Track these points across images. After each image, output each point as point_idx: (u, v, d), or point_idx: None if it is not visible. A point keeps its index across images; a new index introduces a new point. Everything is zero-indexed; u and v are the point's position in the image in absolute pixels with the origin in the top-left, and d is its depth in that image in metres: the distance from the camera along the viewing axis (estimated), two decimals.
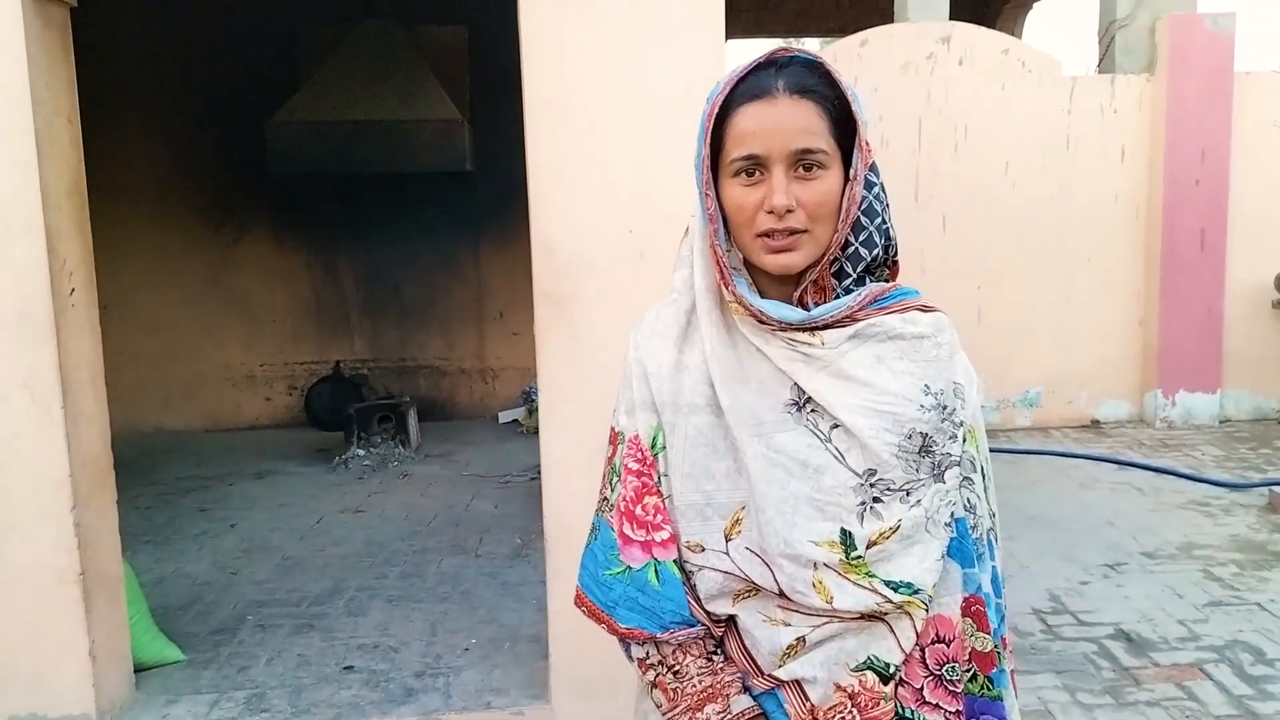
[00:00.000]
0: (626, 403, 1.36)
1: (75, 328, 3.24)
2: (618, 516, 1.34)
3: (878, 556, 1.21)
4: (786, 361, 1.24)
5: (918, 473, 1.21)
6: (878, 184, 1.25)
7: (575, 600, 1.39)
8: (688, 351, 1.31)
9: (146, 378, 7.98)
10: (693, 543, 1.30)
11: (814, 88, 1.21)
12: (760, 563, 1.26)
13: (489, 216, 8.25)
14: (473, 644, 3.90)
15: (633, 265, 3.06)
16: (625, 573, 1.32)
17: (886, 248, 1.28)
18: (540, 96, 3.01)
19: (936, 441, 1.22)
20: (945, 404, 1.23)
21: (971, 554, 1.27)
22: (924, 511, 1.21)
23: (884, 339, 1.23)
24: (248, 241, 8.22)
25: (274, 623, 4.16)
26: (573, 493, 3.14)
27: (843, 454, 1.22)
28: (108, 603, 3.37)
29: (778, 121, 1.19)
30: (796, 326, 1.23)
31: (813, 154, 1.19)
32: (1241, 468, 6.34)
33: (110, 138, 7.66)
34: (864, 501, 1.21)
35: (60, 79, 3.22)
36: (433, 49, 7.91)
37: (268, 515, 5.78)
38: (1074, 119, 7.30)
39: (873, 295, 1.25)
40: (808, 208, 1.20)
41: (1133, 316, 7.57)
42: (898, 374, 1.22)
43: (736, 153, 1.21)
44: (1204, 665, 3.66)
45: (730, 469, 1.28)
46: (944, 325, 1.27)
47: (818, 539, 1.21)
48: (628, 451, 1.35)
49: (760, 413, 1.25)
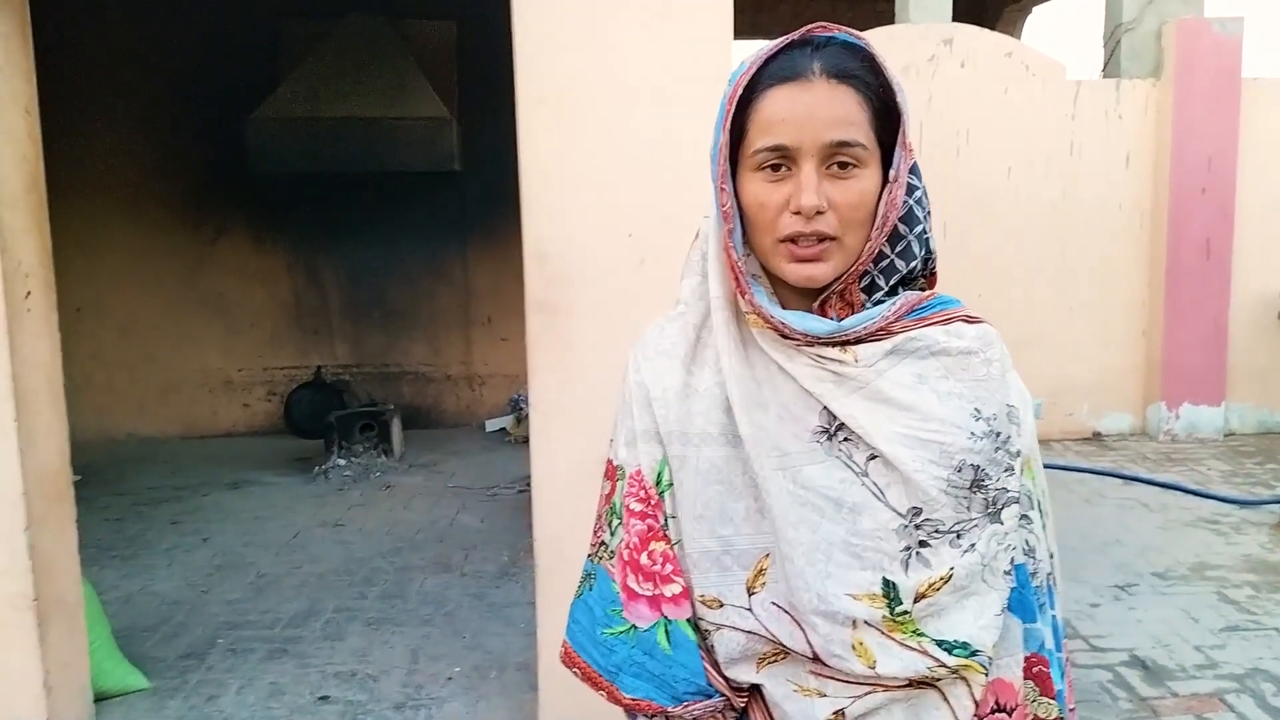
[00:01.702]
0: (626, 432, 1.19)
1: (31, 334, 3.04)
2: (620, 566, 1.17)
3: (927, 611, 1.05)
4: (814, 381, 1.08)
5: (969, 511, 1.05)
6: (920, 188, 1.10)
7: (563, 658, 1.21)
8: (697, 372, 1.15)
9: (119, 382, 7.81)
10: (708, 597, 1.13)
11: (855, 72, 1.05)
12: (790, 620, 1.09)
13: (477, 218, 8.10)
14: (456, 672, 3.72)
15: (632, 273, 2.89)
16: (630, 633, 1.15)
17: (926, 260, 1.13)
18: (533, 92, 2.84)
19: (990, 475, 1.06)
20: (999, 430, 1.07)
21: (1033, 606, 1.11)
22: (979, 557, 1.05)
23: (926, 355, 1.08)
24: (226, 242, 8.03)
25: (246, 647, 3.96)
26: (566, 515, 2.97)
27: (882, 490, 1.06)
28: (65, 630, 3.18)
29: (811, 108, 1.03)
30: (824, 340, 1.07)
31: (850, 148, 1.04)
32: (1249, 483, 6.21)
33: (84, 133, 7.50)
34: (909, 546, 1.05)
35: (16, 66, 3.00)
36: (419, 44, 7.76)
37: (242, 528, 5.59)
38: (1078, 124, 7.17)
39: (909, 305, 1.10)
40: (840, 210, 1.04)
41: (1136, 327, 7.45)
42: (943, 396, 1.06)
43: (761, 142, 1.05)
44: (1224, 695, 3.53)
45: (751, 509, 1.11)
46: (993, 339, 1.11)
47: (856, 592, 1.05)
48: (629, 489, 1.17)
49: (784, 442, 1.09)
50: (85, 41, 7.51)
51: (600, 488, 1.23)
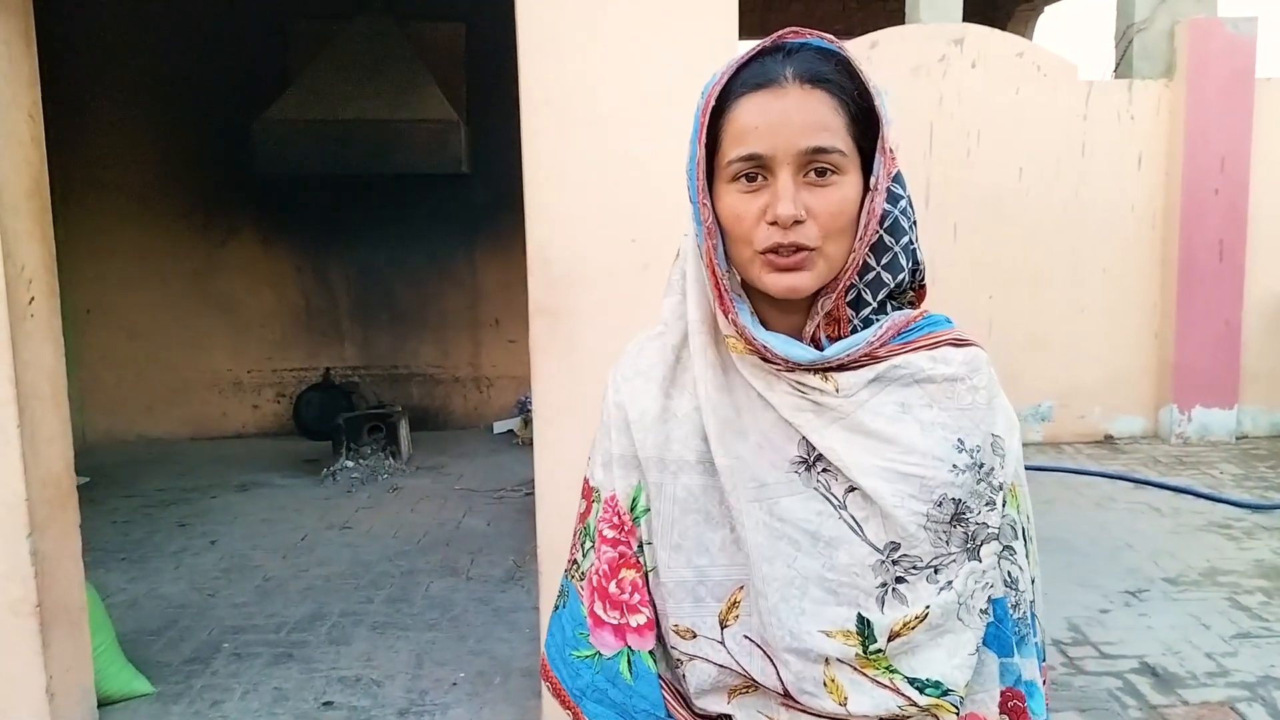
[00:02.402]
0: (604, 454, 1.17)
1: (35, 339, 3.02)
2: (589, 591, 1.15)
3: (901, 649, 1.02)
4: (793, 411, 1.04)
5: (948, 545, 1.02)
6: (904, 197, 1.05)
7: (541, 671, 1.22)
8: (676, 396, 1.12)
9: (129, 384, 7.82)
10: (682, 627, 1.10)
11: (829, 77, 1.01)
12: (762, 655, 1.06)
13: (485, 220, 8.08)
14: (461, 678, 3.69)
15: (635, 277, 2.86)
16: (595, 658, 1.14)
17: (914, 271, 1.08)
18: (538, 94, 2.81)
19: (971, 508, 1.03)
20: (982, 462, 1.04)
21: (1010, 640, 1.08)
22: (956, 596, 1.02)
23: (909, 383, 1.04)
24: (235, 244, 8.02)
25: (251, 651, 3.94)
26: (569, 520, 2.92)
27: (860, 524, 1.03)
28: (68, 635, 3.16)
29: (785, 115, 0.99)
30: (805, 367, 1.03)
31: (827, 154, 0.99)
32: (1262, 487, 6.14)
33: (93, 135, 7.51)
34: (885, 583, 1.02)
35: (20, 70, 2.99)
36: (428, 47, 7.74)
37: (250, 531, 5.57)
38: (1089, 125, 7.11)
39: (896, 327, 1.06)
40: (819, 219, 1.00)
41: (1148, 329, 7.38)
42: (926, 427, 1.03)
43: (735, 152, 1.01)
44: (1236, 704, 3.48)
45: (727, 540, 1.08)
46: (980, 363, 1.07)
47: (830, 629, 1.03)
48: (603, 514, 1.15)
49: (761, 472, 1.05)
50: (93, 44, 7.52)
51: (577, 505, 1.21)
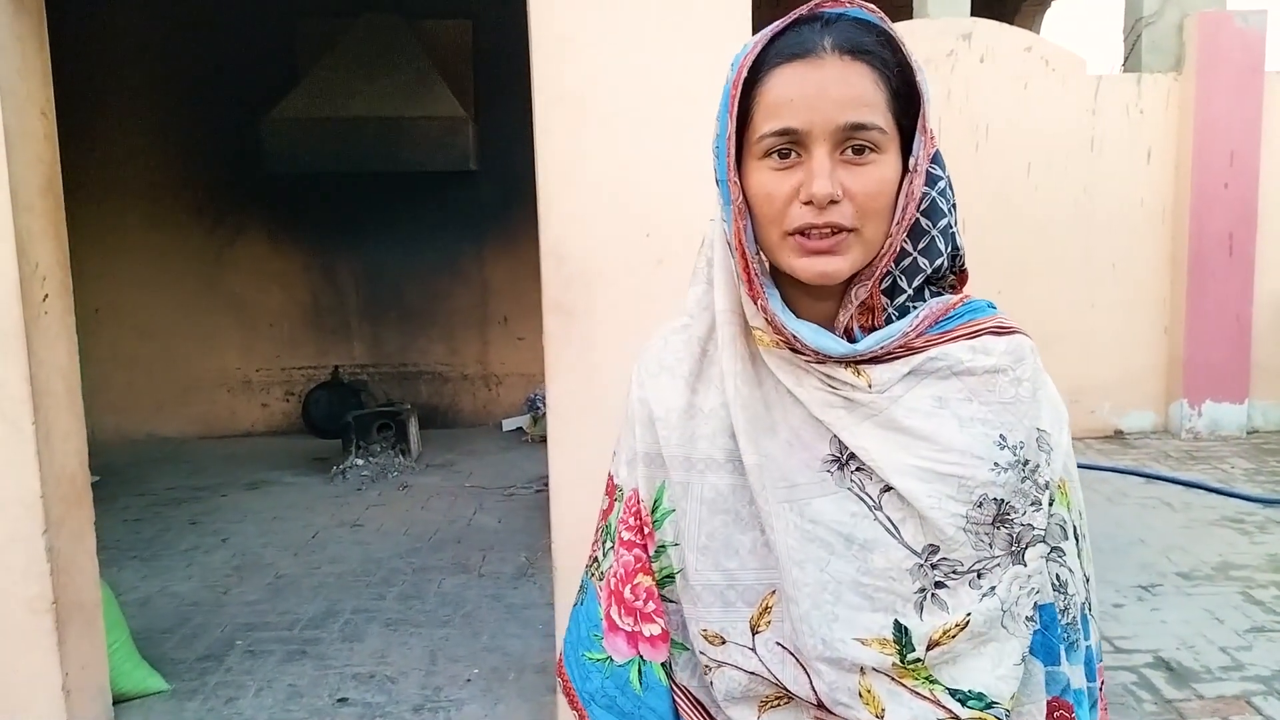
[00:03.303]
0: (628, 450, 1.12)
1: (49, 337, 3.02)
2: (606, 594, 1.12)
3: (941, 658, 0.97)
4: (824, 408, 0.99)
5: (991, 548, 0.96)
6: (944, 178, 0.99)
7: (557, 667, 1.18)
8: (703, 391, 1.07)
9: (139, 383, 7.82)
10: (710, 632, 1.05)
11: (870, 48, 0.94)
12: (794, 663, 1.01)
13: (494, 218, 8.07)
14: (475, 674, 3.68)
15: (650, 273, 2.85)
16: (606, 663, 1.10)
17: (953, 256, 1.02)
18: (551, 90, 2.80)
19: (1015, 508, 0.96)
20: (1027, 459, 0.97)
21: (1058, 647, 1.01)
22: (999, 602, 0.96)
23: (947, 375, 0.97)
24: (244, 242, 8.03)
25: (264, 648, 3.94)
26: (585, 516, 2.92)
27: (896, 526, 0.97)
28: (83, 632, 3.16)
29: (822, 87, 0.92)
30: (836, 360, 0.98)
31: (866, 130, 0.92)
32: (1273, 481, 6.13)
33: (101, 134, 7.52)
34: (923, 588, 0.96)
35: (33, 68, 2.99)
36: (436, 44, 7.74)
37: (261, 529, 5.57)
38: (1098, 119, 7.08)
39: (934, 315, 0.99)
40: (856, 199, 0.93)
41: (1158, 324, 7.36)
42: (965, 422, 0.96)
43: (767, 126, 0.94)
44: (1251, 698, 3.46)
45: (758, 542, 1.03)
46: (1025, 352, 1.00)
47: (865, 636, 0.97)
48: (625, 511, 1.11)
49: (792, 472, 1.00)
50: (102, 43, 7.53)
51: (600, 501, 1.18)
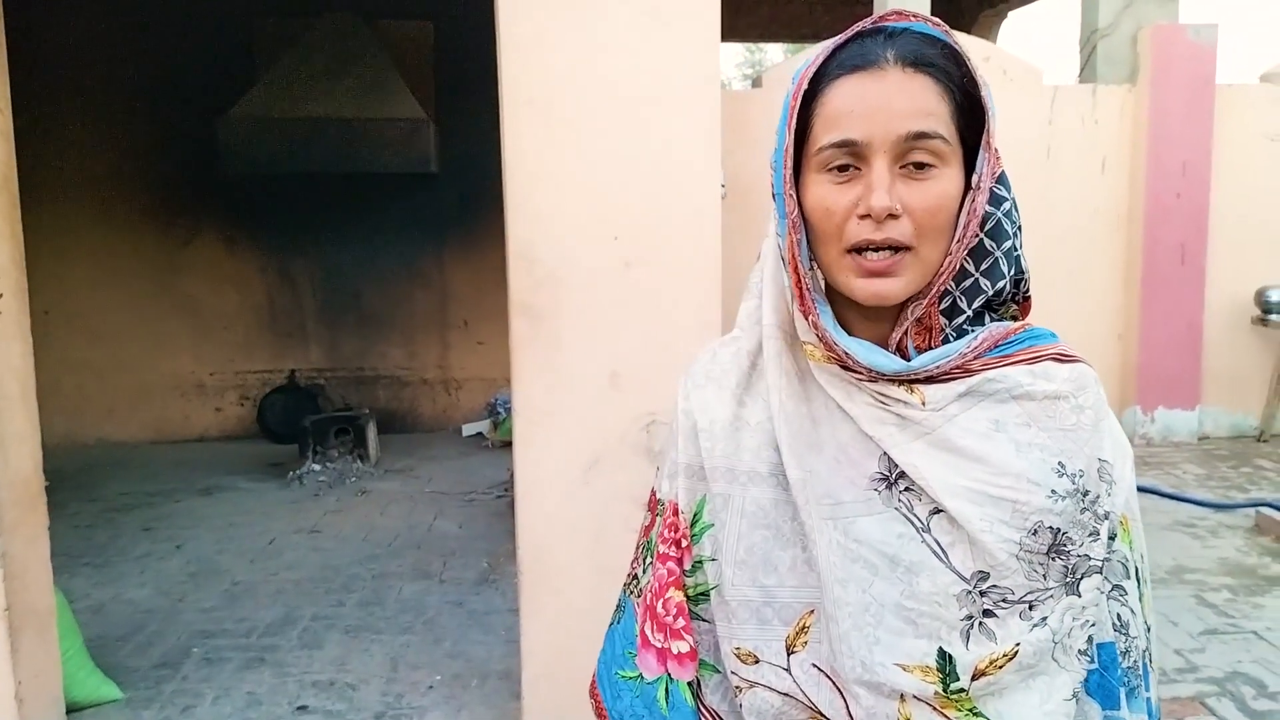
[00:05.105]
0: (670, 464, 1.10)
1: (4, 338, 2.95)
2: (643, 610, 1.10)
3: (986, 690, 0.93)
4: (874, 424, 0.96)
5: (1045, 580, 0.93)
6: (1009, 199, 0.97)
7: (590, 690, 1.14)
8: (749, 404, 1.05)
9: (89, 387, 7.69)
10: (744, 651, 1.03)
11: (934, 61, 0.92)
12: (831, 687, 0.99)
13: (454, 220, 8.03)
14: (437, 680, 3.65)
15: (618, 276, 2.86)
16: (638, 680, 1.08)
17: (1018, 281, 1.00)
18: (518, 92, 2.79)
19: (1072, 539, 0.93)
20: (1087, 489, 0.94)
21: (1117, 690, 0.98)
22: (1051, 634, 0.93)
23: (1005, 398, 0.94)
24: (198, 244, 7.91)
25: (221, 656, 3.88)
26: (551, 521, 2.94)
27: (945, 549, 0.94)
28: (37, 639, 3.09)
29: (885, 98, 0.91)
30: (890, 378, 0.96)
31: (929, 140, 0.91)
32: (1224, 487, 6.23)
33: (53, 133, 7.38)
34: (970, 615, 0.93)
35: None
36: (396, 45, 7.70)
37: (216, 535, 5.49)
38: (1055, 129, 7.18)
39: (993, 339, 0.97)
40: (916, 215, 0.91)
41: (1112, 331, 7.47)
42: (1022, 447, 0.93)
43: (827, 138, 0.92)
44: (1205, 699, 3.52)
45: (798, 559, 1.01)
46: (1089, 381, 0.97)
47: (907, 662, 0.94)
48: (664, 525, 1.09)
49: (838, 489, 0.98)
50: (54, 40, 7.39)
51: (642, 518, 1.16)
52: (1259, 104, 7.30)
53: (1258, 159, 7.30)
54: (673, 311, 2.89)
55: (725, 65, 26.52)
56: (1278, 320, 7.16)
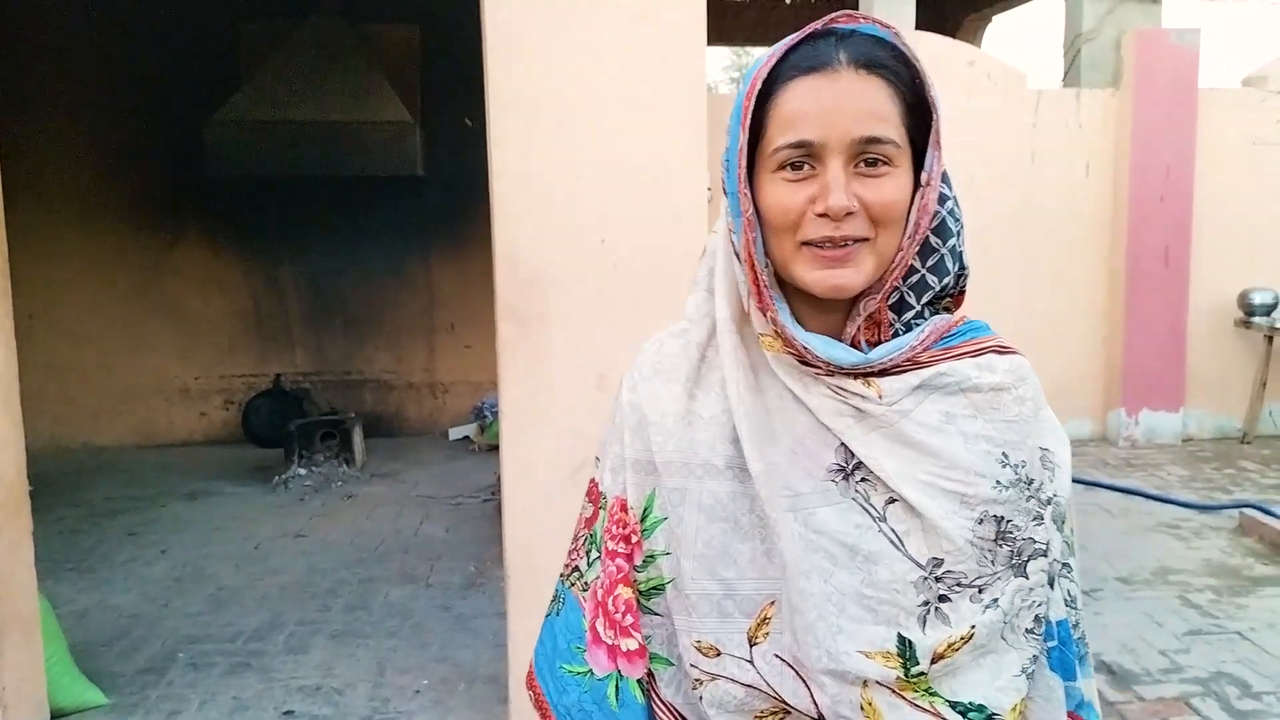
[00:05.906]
0: (614, 458, 1.10)
1: None
2: (592, 604, 1.09)
3: (943, 671, 0.97)
4: (833, 416, 0.98)
5: (993, 564, 0.97)
6: (951, 197, 1.00)
7: (526, 680, 1.14)
8: (701, 397, 1.05)
9: (74, 391, 7.64)
10: (704, 644, 1.03)
11: (885, 63, 0.95)
12: (794, 676, 1.00)
13: (440, 224, 8.01)
14: (424, 685, 3.65)
15: (604, 279, 2.86)
16: (586, 676, 1.08)
17: (959, 275, 1.03)
18: (505, 95, 2.80)
19: (1018, 526, 0.97)
20: (1031, 478, 0.99)
21: (1074, 664, 1.04)
22: (1001, 614, 0.97)
23: (955, 391, 0.98)
24: (183, 247, 7.88)
25: (207, 661, 3.87)
26: (538, 524, 2.94)
27: (901, 538, 0.97)
28: (21, 644, 3.09)
29: (839, 100, 0.93)
30: (847, 371, 0.98)
31: (880, 144, 0.94)
32: (1208, 488, 6.27)
33: (36, 135, 7.34)
34: (927, 601, 0.96)
35: None
36: (382, 48, 7.67)
37: (201, 540, 5.47)
38: (1039, 133, 7.22)
39: (938, 332, 1.01)
40: (872, 209, 0.94)
41: (1096, 334, 7.51)
42: (970, 439, 0.97)
43: (782, 139, 0.95)
44: (1190, 699, 3.54)
45: (757, 551, 1.01)
46: (1026, 372, 1.02)
47: (869, 649, 0.97)
48: (610, 520, 1.09)
49: (795, 481, 0.99)
50: (39, 43, 7.36)
51: (581, 508, 1.15)
52: (1242, 108, 7.36)
53: (1241, 162, 7.36)
54: (660, 313, 2.89)
55: (711, 69, 26.58)
56: (1261, 322, 7.22)
